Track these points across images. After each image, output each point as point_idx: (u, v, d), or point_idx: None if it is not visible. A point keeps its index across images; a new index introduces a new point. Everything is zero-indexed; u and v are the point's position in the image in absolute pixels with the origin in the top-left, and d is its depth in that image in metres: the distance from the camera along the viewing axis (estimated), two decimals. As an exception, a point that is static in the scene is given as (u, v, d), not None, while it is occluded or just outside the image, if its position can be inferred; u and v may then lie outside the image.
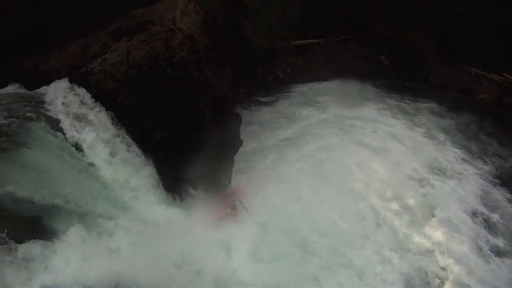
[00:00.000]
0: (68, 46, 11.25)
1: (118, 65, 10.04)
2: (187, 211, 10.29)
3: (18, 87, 10.75)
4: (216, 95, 10.48)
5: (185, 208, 10.34)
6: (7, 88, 10.62)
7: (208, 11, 12.13)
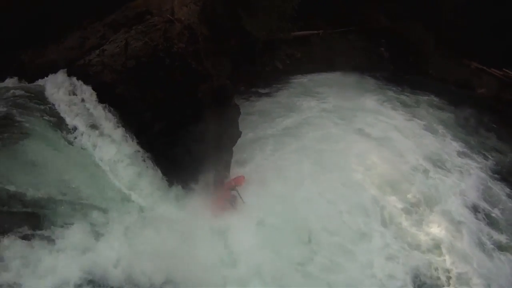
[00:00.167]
0: (66, 38, 11.24)
1: (116, 56, 10.02)
2: (186, 202, 10.22)
3: (16, 80, 10.79)
4: (214, 86, 10.44)
5: (184, 200, 10.26)
6: (6, 81, 10.64)
7: (207, 2, 12.08)
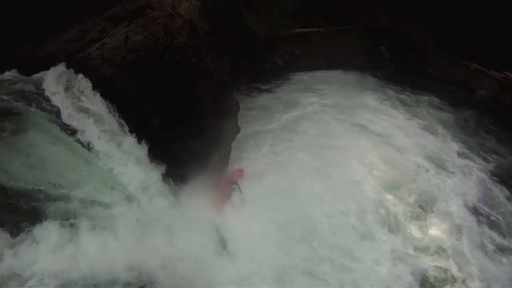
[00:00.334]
0: (66, 32, 11.17)
1: (116, 50, 9.97)
2: (184, 197, 10.21)
3: (16, 73, 10.73)
4: (214, 81, 10.42)
5: (182, 195, 10.25)
6: (4, 74, 10.58)
7: (208, -3, 12.04)
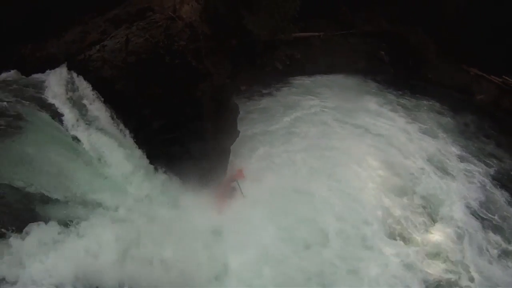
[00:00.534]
0: (67, 33, 11.19)
1: (117, 52, 9.99)
2: (184, 200, 10.17)
3: (16, 73, 10.74)
4: (214, 84, 10.43)
5: (182, 197, 10.22)
6: (5, 74, 10.60)
7: (209, 0, 12.07)
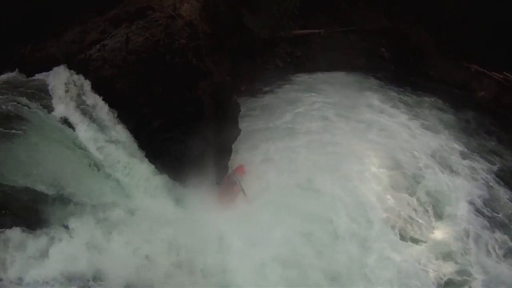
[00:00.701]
0: (67, 33, 11.18)
1: (117, 51, 9.98)
2: (186, 199, 10.25)
3: (16, 74, 10.73)
4: (215, 83, 10.43)
5: (184, 196, 10.28)
6: (4, 75, 10.58)
7: (209, -2, 12.09)
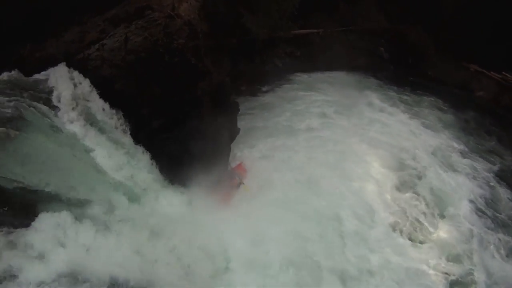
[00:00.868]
0: (66, 33, 11.17)
1: (116, 51, 9.96)
2: (186, 198, 10.25)
3: (15, 73, 10.71)
4: (214, 82, 10.43)
5: (184, 196, 10.29)
6: (5, 74, 10.57)
7: (208, -2, 12.06)
